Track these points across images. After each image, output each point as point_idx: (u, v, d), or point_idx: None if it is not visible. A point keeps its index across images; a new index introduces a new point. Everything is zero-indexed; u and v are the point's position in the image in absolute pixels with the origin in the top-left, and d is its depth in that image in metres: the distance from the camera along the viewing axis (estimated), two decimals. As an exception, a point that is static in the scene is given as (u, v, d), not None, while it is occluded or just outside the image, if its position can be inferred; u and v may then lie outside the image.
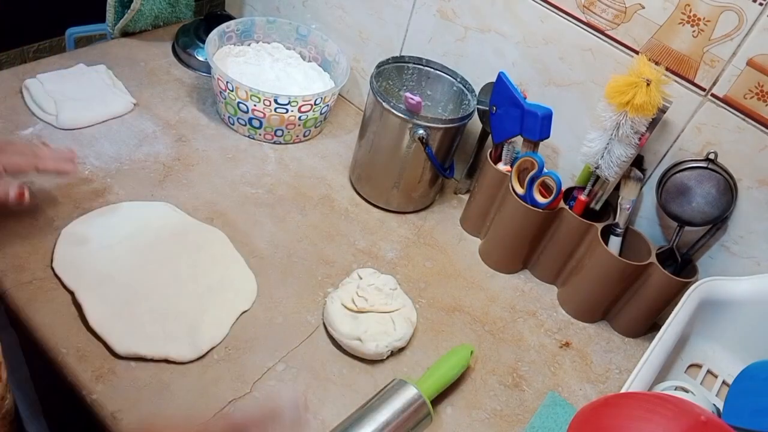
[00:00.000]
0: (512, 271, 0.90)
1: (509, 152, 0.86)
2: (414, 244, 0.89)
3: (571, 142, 0.85)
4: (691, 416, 0.52)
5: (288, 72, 1.04)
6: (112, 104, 0.93)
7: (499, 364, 0.77)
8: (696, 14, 0.70)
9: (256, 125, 0.95)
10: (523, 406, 0.73)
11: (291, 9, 1.13)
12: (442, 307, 0.81)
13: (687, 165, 0.75)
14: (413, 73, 0.93)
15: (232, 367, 0.67)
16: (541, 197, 0.81)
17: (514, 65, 0.87)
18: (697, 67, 0.72)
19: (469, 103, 0.90)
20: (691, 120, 0.75)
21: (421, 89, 0.95)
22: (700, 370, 0.79)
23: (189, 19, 1.17)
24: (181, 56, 1.08)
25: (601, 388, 0.78)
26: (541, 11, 0.81)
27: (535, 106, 0.78)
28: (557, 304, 0.87)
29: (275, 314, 0.74)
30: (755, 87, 0.69)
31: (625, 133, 0.73)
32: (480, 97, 0.89)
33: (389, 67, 0.91)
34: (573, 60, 0.82)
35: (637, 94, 0.70)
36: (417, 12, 0.95)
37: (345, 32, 1.06)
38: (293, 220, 0.87)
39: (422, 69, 0.93)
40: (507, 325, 0.82)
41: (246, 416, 0.56)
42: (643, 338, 0.85)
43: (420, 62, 0.92)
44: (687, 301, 0.72)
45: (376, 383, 0.70)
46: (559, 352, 0.80)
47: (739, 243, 0.78)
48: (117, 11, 1.05)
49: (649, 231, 0.84)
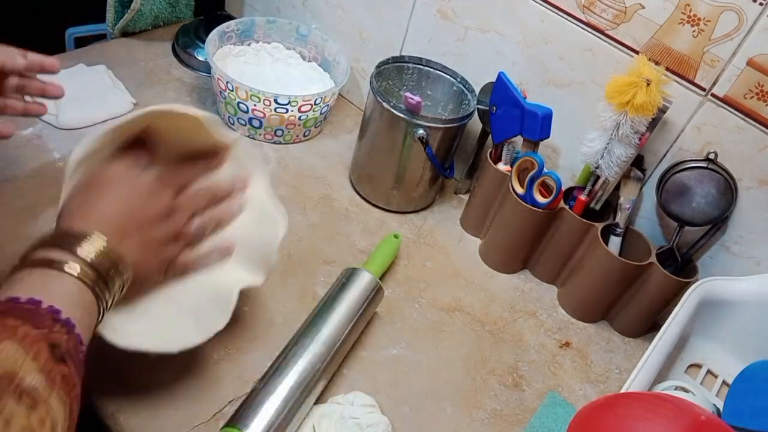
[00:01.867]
0: (512, 271, 0.90)
1: (509, 152, 0.86)
2: (414, 244, 0.89)
3: (571, 142, 0.85)
4: (691, 416, 0.52)
5: (288, 72, 1.04)
6: (112, 104, 0.93)
7: (499, 364, 0.77)
8: (696, 14, 0.70)
9: (256, 125, 0.95)
10: (523, 406, 0.73)
11: (291, 9, 1.13)
12: (442, 306, 0.81)
13: (687, 165, 0.75)
14: (413, 73, 0.93)
15: (232, 367, 0.67)
16: (541, 197, 0.81)
17: (514, 65, 0.87)
18: (697, 67, 0.72)
19: (469, 103, 0.90)
20: (691, 120, 0.75)
21: (421, 89, 0.95)
22: (700, 370, 0.79)
23: (189, 19, 1.17)
24: (181, 56, 1.08)
25: (601, 388, 0.78)
26: (541, 11, 0.81)
27: (535, 106, 0.78)
28: (557, 304, 0.87)
29: (275, 314, 0.74)
30: (755, 87, 0.69)
31: (625, 133, 0.73)
32: (480, 97, 0.89)
33: (389, 67, 0.91)
34: (573, 60, 0.82)
35: (637, 94, 0.70)
36: (417, 12, 0.95)
37: (345, 32, 1.06)
38: (293, 219, 0.86)
39: (422, 69, 0.93)
40: (507, 325, 0.82)
41: None
42: (643, 338, 0.85)
43: (420, 62, 0.92)
44: (687, 301, 0.72)
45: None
46: (559, 352, 0.81)
47: (739, 243, 0.78)
48: (117, 11, 1.06)
49: (649, 231, 0.84)
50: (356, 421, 0.63)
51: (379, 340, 0.75)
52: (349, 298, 0.70)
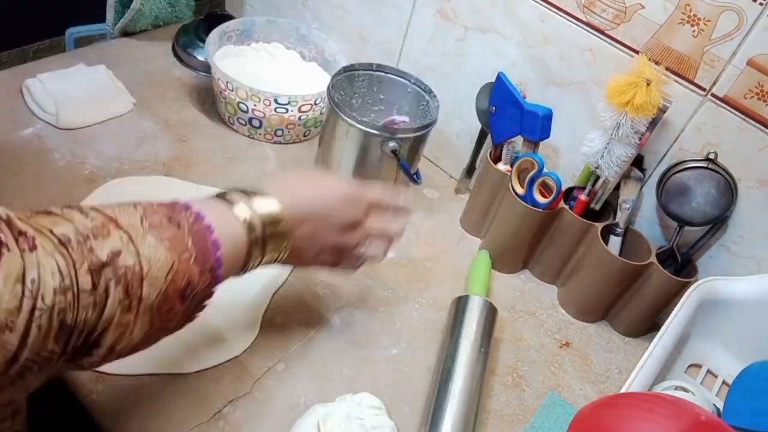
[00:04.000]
0: (512, 271, 0.90)
1: (509, 152, 0.86)
2: (414, 244, 0.89)
3: (571, 142, 0.85)
4: (691, 416, 0.52)
5: (288, 72, 1.04)
6: (112, 104, 0.93)
7: (499, 364, 0.77)
8: (696, 14, 0.70)
9: (256, 125, 0.95)
10: (523, 406, 0.73)
11: (291, 9, 1.13)
12: (442, 306, 0.81)
13: (687, 165, 0.75)
14: (364, 80, 0.92)
15: (232, 367, 0.67)
16: (541, 197, 0.81)
17: (514, 65, 0.87)
18: (697, 67, 0.72)
19: (428, 104, 0.89)
20: (691, 120, 0.75)
21: (373, 95, 0.94)
22: (700, 370, 0.79)
23: (189, 19, 1.17)
24: (181, 56, 1.08)
25: (601, 388, 0.78)
26: (541, 11, 0.81)
27: (535, 106, 0.78)
28: (557, 304, 0.87)
29: (275, 314, 0.74)
30: (755, 87, 0.69)
31: (625, 133, 0.73)
32: (479, 97, 0.89)
33: (340, 78, 0.89)
34: (573, 60, 0.82)
35: (637, 93, 0.70)
36: (417, 12, 0.95)
37: (345, 32, 1.06)
38: (293, 220, 0.87)
39: (373, 74, 0.92)
40: (507, 325, 0.82)
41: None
42: (643, 338, 0.85)
43: (371, 68, 0.91)
44: (687, 301, 0.72)
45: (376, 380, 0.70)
46: (559, 352, 0.81)
47: (739, 243, 0.78)
48: (117, 11, 1.06)
49: (649, 231, 0.84)
50: (361, 422, 0.63)
51: (379, 340, 0.75)
52: (470, 328, 0.71)
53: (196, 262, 0.43)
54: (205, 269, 0.44)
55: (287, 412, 0.65)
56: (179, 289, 0.42)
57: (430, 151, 1.03)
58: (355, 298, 0.79)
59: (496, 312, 0.75)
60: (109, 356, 0.39)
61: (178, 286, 0.42)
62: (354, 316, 0.77)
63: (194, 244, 0.44)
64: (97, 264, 0.37)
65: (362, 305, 0.78)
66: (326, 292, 0.78)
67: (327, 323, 0.75)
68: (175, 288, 0.42)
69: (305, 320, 0.74)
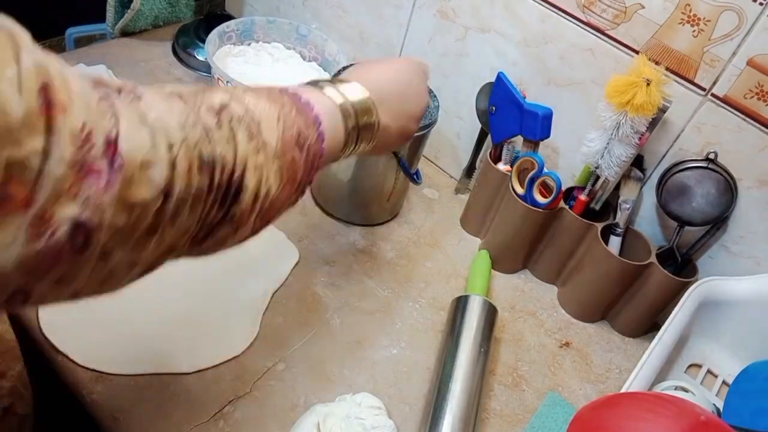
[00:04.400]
0: (512, 270, 0.90)
1: (509, 152, 0.86)
2: (414, 244, 0.89)
3: (571, 142, 0.86)
4: (691, 416, 0.52)
5: (288, 72, 1.04)
6: (112, 104, 0.93)
7: (498, 364, 0.77)
8: (696, 14, 0.70)
9: (256, 125, 0.95)
10: (523, 406, 0.73)
11: (291, 9, 1.13)
12: (442, 306, 0.81)
13: (687, 165, 0.75)
14: None
15: (232, 367, 0.67)
16: (541, 197, 0.81)
17: (514, 65, 0.87)
18: (697, 67, 0.72)
19: (428, 104, 0.88)
20: (691, 120, 0.75)
21: None
22: (700, 370, 0.79)
23: (189, 19, 1.17)
24: (181, 56, 1.08)
25: (601, 388, 0.78)
26: (541, 11, 0.81)
27: (535, 105, 0.78)
28: (557, 304, 0.87)
29: (275, 314, 0.74)
30: (755, 87, 0.69)
31: (625, 133, 0.73)
32: (479, 97, 0.89)
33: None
34: (573, 60, 0.82)
35: (637, 93, 0.70)
36: (417, 12, 0.95)
37: (345, 32, 1.06)
38: (294, 219, 0.87)
39: None
40: (507, 325, 0.82)
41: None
42: (643, 338, 0.85)
43: None
44: (687, 301, 0.72)
45: (375, 381, 0.70)
46: (559, 352, 0.81)
47: (739, 243, 0.78)
48: (117, 11, 1.06)
49: (649, 231, 0.84)
50: (361, 422, 0.63)
51: (379, 340, 0.75)
52: (470, 327, 0.72)
53: (299, 114, 0.45)
54: (308, 123, 0.46)
55: (287, 412, 0.65)
56: (293, 137, 0.43)
57: (430, 151, 1.03)
58: (355, 298, 0.79)
59: (496, 312, 0.75)
60: (255, 205, 0.40)
61: (291, 133, 0.43)
62: (354, 316, 0.77)
63: (298, 112, 0.45)
64: (213, 107, 0.38)
65: (362, 305, 0.78)
66: (326, 292, 0.78)
67: (327, 323, 0.75)
68: (290, 136, 0.43)
69: (305, 320, 0.74)
